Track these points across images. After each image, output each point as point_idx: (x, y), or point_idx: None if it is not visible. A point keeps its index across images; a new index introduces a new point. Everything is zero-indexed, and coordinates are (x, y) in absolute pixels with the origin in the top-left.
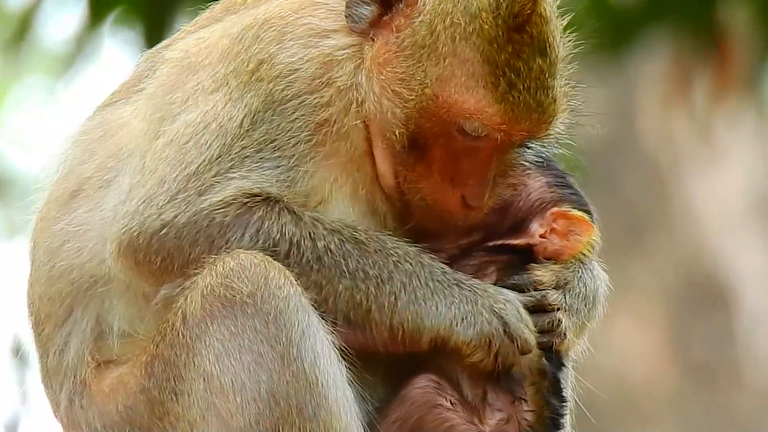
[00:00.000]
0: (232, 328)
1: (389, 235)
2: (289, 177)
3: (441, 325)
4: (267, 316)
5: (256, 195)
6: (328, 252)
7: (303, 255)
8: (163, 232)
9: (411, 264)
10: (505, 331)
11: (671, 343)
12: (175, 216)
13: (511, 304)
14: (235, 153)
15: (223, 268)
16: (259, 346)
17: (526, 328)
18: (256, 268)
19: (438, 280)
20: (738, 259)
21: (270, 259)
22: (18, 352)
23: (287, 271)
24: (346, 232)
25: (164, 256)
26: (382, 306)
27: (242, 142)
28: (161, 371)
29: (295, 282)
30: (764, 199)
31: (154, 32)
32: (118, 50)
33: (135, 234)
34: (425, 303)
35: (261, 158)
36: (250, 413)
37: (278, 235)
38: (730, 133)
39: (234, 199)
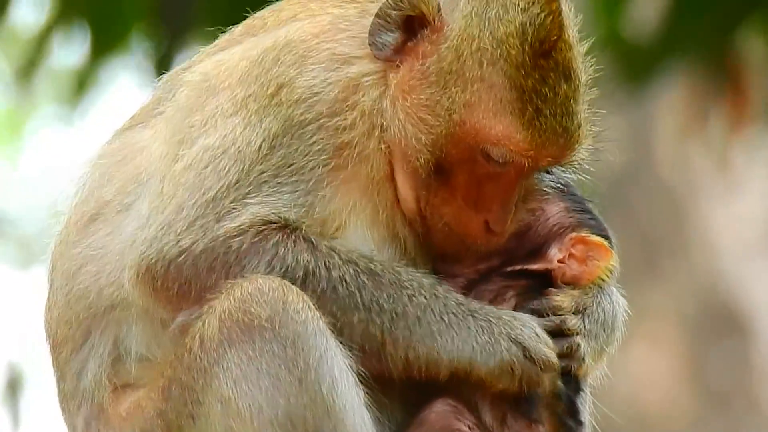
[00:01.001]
0: (250, 352)
1: (405, 265)
2: (307, 201)
3: (460, 359)
4: (285, 341)
5: (272, 222)
6: (343, 282)
7: (318, 284)
8: (180, 259)
9: (426, 297)
10: (525, 355)
11: (687, 369)
12: (193, 243)
13: (528, 327)
14: (253, 178)
15: (241, 293)
16: (277, 370)
17: (546, 347)
18: (274, 293)
19: (453, 313)
20: (754, 287)
21: (288, 283)
22: (13, 383)
23: (305, 295)
24: (362, 264)
25: (181, 283)
26: (396, 339)
27: (260, 167)
28: (179, 395)
29: (313, 306)
30: None
31: (165, 57)
32: (129, 76)
33: (153, 261)
34: (440, 337)
35: (278, 183)
36: None
37: (294, 262)
38: (746, 162)
39: (250, 226)
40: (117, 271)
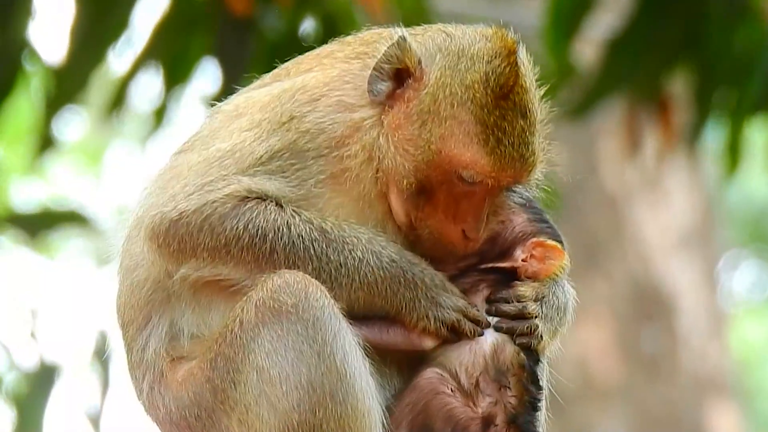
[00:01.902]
0: (279, 331)
1: (352, 224)
2: (293, 192)
3: (390, 307)
4: (306, 322)
5: (254, 191)
6: (300, 237)
7: (282, 239)
8: (177, 220)
9: (362, 252)
10: (438, 314)
11: (624, 342)
12: (187, 207)
13: (448, 296)
14: (249, 172)
15: (272, 285)
16: (300, 346)
17: (459, 316)
18: (298, 285)
19: (385, 268)
20: (677, 276)
21: (309, 277)
22: (102, 353)
23: (322, 286)
24: (316, 223)
25: (179, 240)
26: (340, 285)
27: (256, 168)
28: (223, 365)
29: (329, 295)
30: (695, 228)
31: (225, 92)
32: (193, 109)
33: (157, 223)
34: (376, 287)
35: (269, 177)
36: (293, 398)
37: (264, 223)
38: (672, 178)
39: (234, 195)
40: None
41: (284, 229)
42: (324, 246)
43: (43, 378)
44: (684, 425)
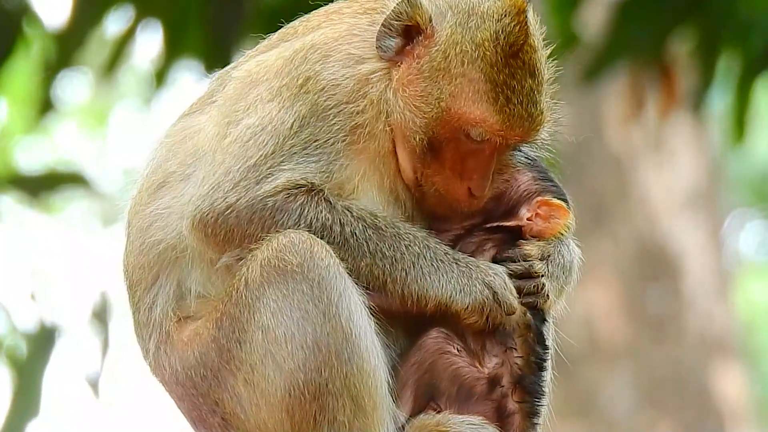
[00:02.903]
0: (284, 291)
1: (404, 222)
2: (328, 169)
3: (443, 296)
4: (312, 282)
5: (301, 185)
6: (354, 235)
7: (333, 237)
8: (227, 212)
9: (419, 247)
10: (494, 298)
11: (630, 302)
12: (237, 200)
13: (499, 276)
14: (286, 150)
15: (277, 244)
16: (306, 305)
17: (511, 295)
18: (303, 244)
19: (440, 260)
20: (682, 236)
21: (314, 236)
22: (101, 314)
23: (327, 246)
24: (369, 220)
25: (226, 230)
26: (395, 280)
27: (291, 141)
28: (228, 325)
29: (334, 255)
30: (700, 190)
31: (220, 59)
32: (191, 73)
33: (205, 213)
34: (429, 278)
35: (306, 154)
36: (299, 358)
37: (314, 219)
38: (676, 139)
39: (283, 189)
40: (180, 226)
41: (336, 227)
42: (378, 243)
43: (43, 340)
44: (689, 385)
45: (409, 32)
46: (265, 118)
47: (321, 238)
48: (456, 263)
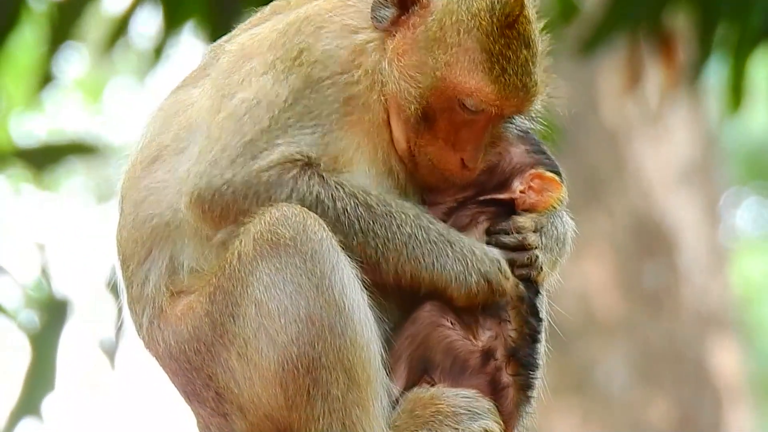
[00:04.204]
0: (277, 264)
1: (397, 199)
2: (323, 141)
3: (437, 281)
4: (305, 255)
5: (296, 160)
6: (345, 212)
7: (325, 212)
8: (223, 188)
9: (411, 227)
10: (489, 287)
11: (626, 276)
12: (233, 175)
13: (495, 263)
14: (281, 123)
15: (270, 218)
16: (299, 279)
17: (506, 281)
18: (296, 217)
19: (433, 241)
20: (677, 210)
21: (307, 210)
22: (114, 287)
23: (320, 219)
24: (361, 197)
25: (223, 206)
26: (387, 259)
27: (286, 114)
28: (221, 299)
29: (327, 228)
30: (697, 164)
31: (217, 32)
32: (189, 45)
33: (203, 189)
34: (423, 260)
35: (301, 126)
36: (292, 331)
37: (307, 193)
38: (672, 114)
39: (277, 163)
40: (174, 200)
41: (327, 202)
42: (370, 222)
43: (56, 313)
44: (685, 361)
45: (404, 2)
46: (259, 92)
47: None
48: (450, 246)
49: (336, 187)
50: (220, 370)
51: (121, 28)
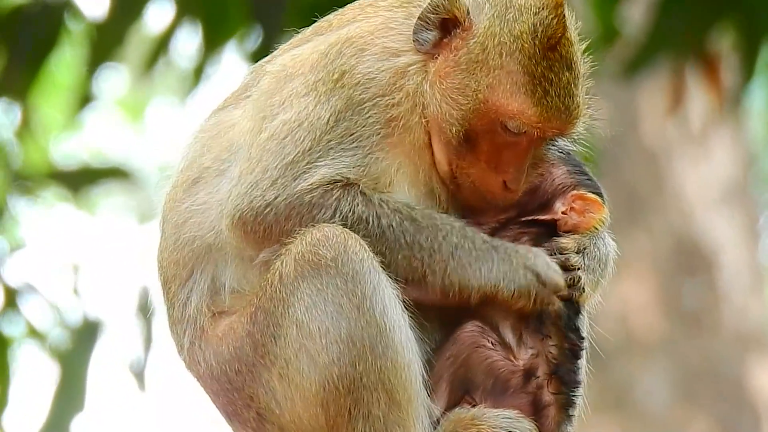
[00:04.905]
0: (319, 285)
1: (440, 213)
2: (364, 163)
3: (487, 285)
4: (346, 276)
5: (337, 181)
6: (390, 228)
7: (370, 230)
8: (266, 210)
9: (456, 237)
10: (539, 280)
11: (665, 296)
12: (275, 197)
13: (540, 257)
14: (323, 145)
15: (311, 238)
16: (340, 300)
17: (555, 273)
18: (338, 238)
19: (479, 248)
20: (717, 231)
21: (348, 230)
22: (144, 308)
23: (362, 240)
24: (405, 212)
25: (265, 227)
26: (434, 271)
27: (328, 136)
28: (263, 319)
29: (368, 249)
30: (736, 184)
31: (258, 53)
32: (230, 65)
33: (245, 211)
34: (470, 267)
35: (342, 148)
36: (333, 352)
37: (351, 213)
38: (713, 134)
39: (319, 185)
40: (216, 221)
41: (373, 220)
42: (415, 234)
43: (87, 334)
44: (724, 380)
45: (446, 25)
46: (301, 114)
47: (357, 232)
48: (495, 250)
49: (380, 204)
50: (261, 391)
51: (161, 47)
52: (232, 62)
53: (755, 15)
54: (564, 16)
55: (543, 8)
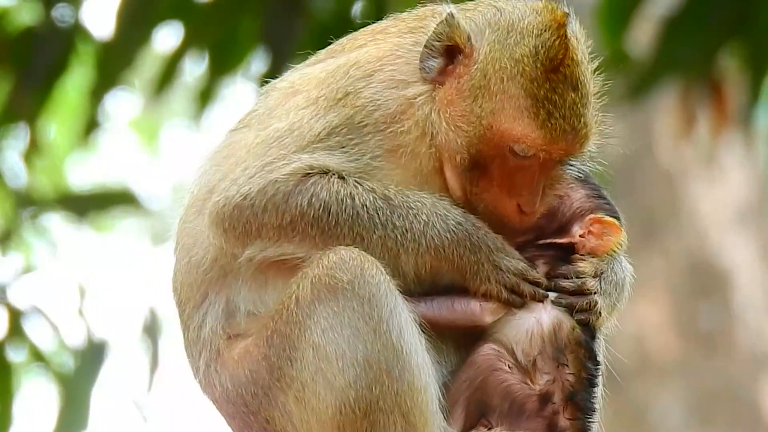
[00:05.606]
0: (335, 308)
1: (415, 191)
2: (352, 166)
3: (455, 271)
4: (362, 299)
5: (314, 167)
6: (364, 207)
7: (347, 211)
8: (242, 202)
9: (427, 215)
10: (505, 287)
11: (681, 318)
12: (250, 189)
13: (515, 262)
14: (309, 149)
15: (328, 261)
16: (357, 323)
17: (526, 285)
18: (354, 261)
19: (453, 231)
20: (732, 252)
21: (364, 253)
22: (150, 331)
23: (378, 262)
24: (379, 191)
25: (243, 222)
26: (407, 250)
27: (315, 145)
28: (279, 342)
29: (384, 271)
30: (752, 205)
31: (269, 75)
32: (244, 88)
33: (222, 207)
34: (443, 251)
35: (329, 153)
36: (350, 375)
37: (327, 196)
38: (727, 155)
39: (296, 172)
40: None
41: (347, 200)
42: (388, 213)
43: (92, 356)
44: (740, 401)
45: (450, 52)
46: (294, 123)
47: (336, 217)
48: (469, 240)
49: (355, 185)
50: (277, 414)
51: (170, 70)
52: (244, 84)
53: (762, 37)
54: (566, 36)
55: (545, 30)
